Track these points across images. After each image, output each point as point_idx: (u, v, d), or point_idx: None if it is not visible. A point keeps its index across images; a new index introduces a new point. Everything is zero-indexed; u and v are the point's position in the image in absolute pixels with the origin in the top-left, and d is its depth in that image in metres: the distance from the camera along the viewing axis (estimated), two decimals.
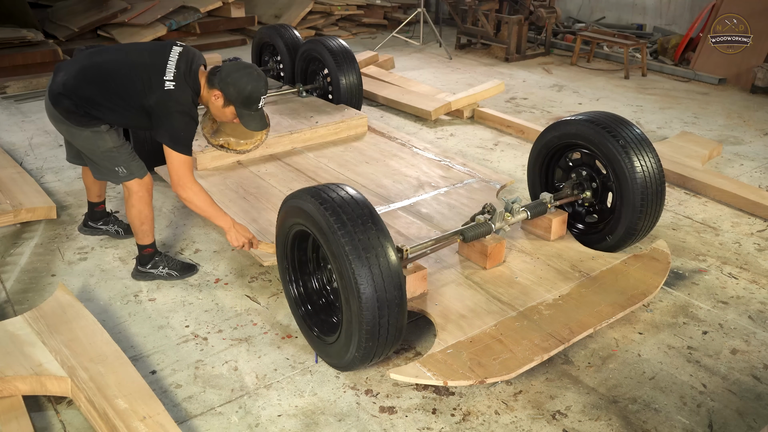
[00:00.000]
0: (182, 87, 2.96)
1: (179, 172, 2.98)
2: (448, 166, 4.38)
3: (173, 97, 2.94)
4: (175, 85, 2.94)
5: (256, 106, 3.04)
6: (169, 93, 2.93)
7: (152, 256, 3.37)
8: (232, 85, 2.97)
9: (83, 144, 3.11)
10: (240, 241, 3.11)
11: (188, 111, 2.99)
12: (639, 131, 3.25)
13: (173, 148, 2.95)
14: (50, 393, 2.52)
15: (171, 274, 3.36)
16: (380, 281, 2.34)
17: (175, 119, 2.95)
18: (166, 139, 2.96)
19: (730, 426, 2.46)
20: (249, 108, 3.04)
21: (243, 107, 3.02)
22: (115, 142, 3.11)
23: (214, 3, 8.86)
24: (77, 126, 3.03)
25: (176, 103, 2.95)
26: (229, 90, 2.98)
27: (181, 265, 3.42)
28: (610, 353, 2.84)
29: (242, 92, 2.98)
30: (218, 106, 3.05)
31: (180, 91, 2.95)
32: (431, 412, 2.51)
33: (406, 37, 9.28)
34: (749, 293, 3.29)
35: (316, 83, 5.62)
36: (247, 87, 2.98)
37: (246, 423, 2.47)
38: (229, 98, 3.00)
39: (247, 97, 2.99)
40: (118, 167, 3.13)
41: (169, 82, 2.93)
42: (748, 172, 4.80)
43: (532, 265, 3.18)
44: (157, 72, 2.95)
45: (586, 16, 9.54)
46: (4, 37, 7.30)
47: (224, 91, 2.99)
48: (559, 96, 6.76)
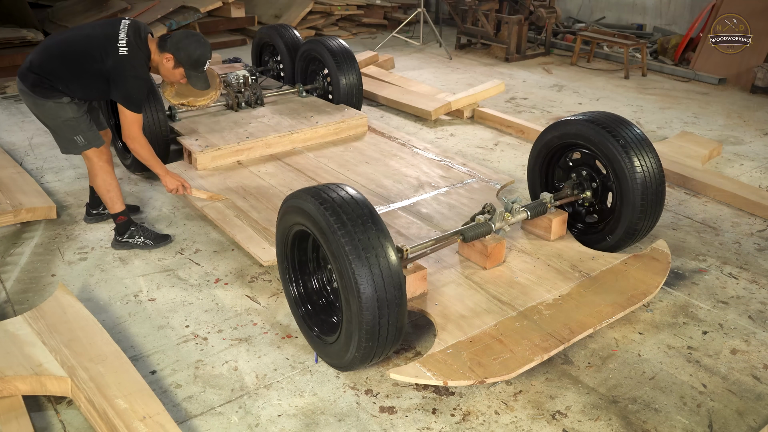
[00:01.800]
0: (134, 52, 3.35)
1: (131, 127, 3.45)
2: (448, 166, 4.38)
3: (128, 61, 3.33)
4: (128, 51, 3.33)
5: (202, 68, 3.53)
6: (124, 57, 3.32)
7: (127, 225, 3.67)
8: (183, 50, 3.42)
9: (46, 114, 3.44)
10: (174, 185, 3.66)
11: (140, 74, 3.41)
12: (639, 131, 3.25)
13: (126, 107, 3.38)
14: (50, 393, 2.52)
15: (146, 243, 3.67)
16: (380, 281, 2.34)
17: (129, 82, 3.36)
18: (121, 99, 3.38)
19: (730, 426, 2.46)
20: (196, 70, 3.51)
21: (191, 69, 3.50)
22: (75, 113, 3.45)
23: (214, 3, 8.85)
24: (42, 98, 3.37)
25: (131, 67, 3.35)
26: (180, 54, 3.43)
27: (155, 235, 3.72)
28: (610, 353, 2.84)
29: (191, 56, 3.44)
30: (169, 68, 3.49)
31: (133, 56, 3.35)
32: (431, 412, 2.51)
33: (406, 37, 9.28)
34: (749, 293, 3.29)
35: (316, 83, 5.62)
36: (196, 52, 3.45)
37: (246, 423, 2.47)
38: (179, 61, 3.45)
39: (195, 60, 3.46)
40: (77, 136, 3.48)
41: (122, 48, 3.33)
42: (748, 172, 4.80)
43: (532, 265, 3.18)
44: (112, 41, 3.34)
45: (586, 16, 9.54)
46: (4, 37, 7.31)
47: (175, 55, 3.43)
48: (559, 96, 6.77)
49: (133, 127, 3.45)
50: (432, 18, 9.79)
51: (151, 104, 4.34)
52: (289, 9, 9.48)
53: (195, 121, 4.84)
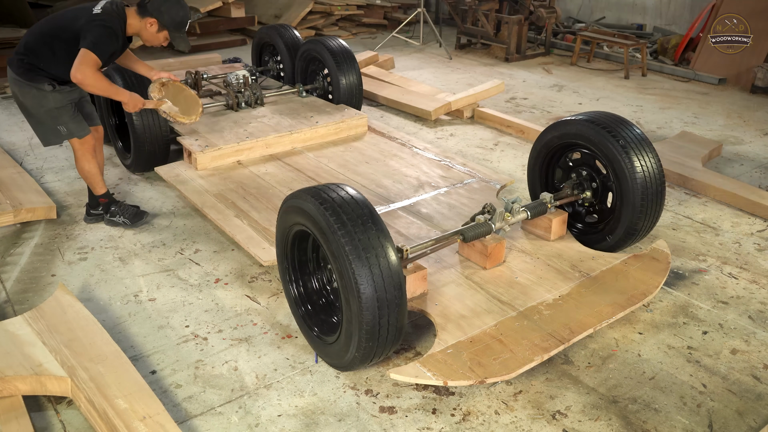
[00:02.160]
0: (108, 13, 3.47)
1: (83, 62, 3.35)
2: (448, 166, 4.38)
3: (99, 17, 3.44)
4: (102, 11, 3.47)
5: (185, 29, 3.67)
6: (96, 14, 3.45)
7: (109, 206, 3.92)
8: (166, 13, 3.55)
9: (31, 102, 3.57)
10: (136, 107, 3.71)
11: (112, 26, 3.46)
12: (639, 131, 3.25)
13: (90, 49, 3.36)
14: (50, 393, 2.52)
15: (125, 222, 3.91)
16: (380, 281, 2.34)
17: (100, 30, 3.41)
18: (87, 43, 3.37)
19: (730, 426, 2.46)
20: (179, 31, 3.64)
21: (175, 31, 3.63)
22: (57, 103, 3.57)
23: (214, 3, 8.85)
24: (27, 81, 3.50)
25: (102, 20, 3.44)
26: (164, 17, 3.55)
27: (132, 213, 3.93)
28: (610, 353, 2.84)
29: (175, 18, 3.58)
30: (153, 32, 3.60)
31: (106, 15, 3.46)
32: (431, 412, 2.51)
33: (406, 37, 9.28)
34: (749, 293, 3.29)
35: (316, 83, 5.62)
36: (179, 13, 3.59)
37: (246, 423, 2.47)
38: (163, 24, 3.57)
39: (179, 22, 3.61)
40: (60, 126, 3.63)
41: (97, 9, 3.47)
42: (748, 172, 4.80)
43: (532, 265, 3.18)
44: (87, 8, 3.50)
45: (586, 16, 9.54)
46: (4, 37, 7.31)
47: (159, 18, 3.55)
48: (559, 96, 6.77)
49: (86, 63, 3.34)
50: (432, 18, 9.80)
51: None
52: (289, 9, 9.48)
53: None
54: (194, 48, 8.31)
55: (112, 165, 4.82)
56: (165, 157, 4.53)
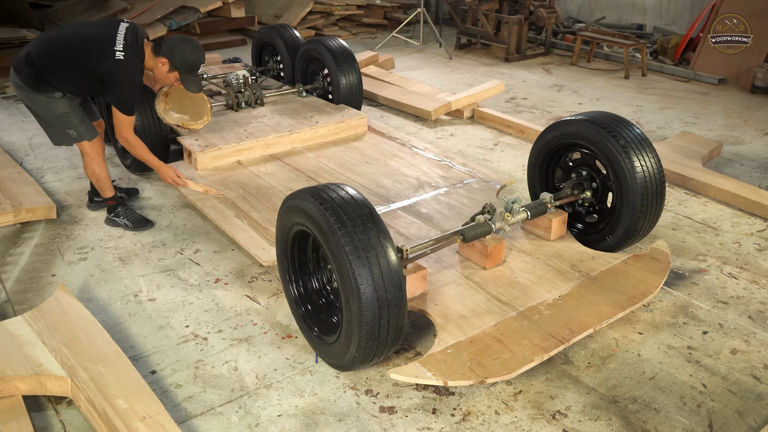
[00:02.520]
0: (130, 57, 3.47)
1: (123, 128, 3.62)
2: (448, 166, 4.38)
3: (123, 67, 3.45)
4: (124, 56, 3.44)
5: (196, 72, 3.73)
6: (119, 63, 3.43)
7: (115, 207, 3.93)
8: (178, 54, 3.59)
9: (39, 108, 3.59)
10: (172, 178, 3.82)
11: (134, 80, 3.54)
12: (639, 131, 3.25)
13: (120, 110, 3.54)
14: (50, 393, 2.52)
15: (127, 224, 3.89)
16: (380, 281, 2.34)
17: (124, 87, 3.50)
18: (115, 103, 3.53)
19: (730, 426, 2.46)
20: (190, 74, 3.69)
21: (186, 73, 3.68)
22: (67, 108, 3.59)
23: (214, 3, 8.85)
24: (34, 91, 3.51)
25: (125, 72, 3.47)
26: (175, 59, 3.59)
27: (137, 219, 3.92)
28: (610, 353, 2.84)
29: (186, 61, 3.62)
30: (164, 71, 3.65)
31: (128, 62, 3.46)
32: (431, 412, 2.51)
33: (406, 37, 9.28)
34: (749, 293, 3.29)
35: (316, 83, 5.62)
36: (191, 56, 3.62)
37: (246, 423, 2.47)
38: (174, 65, 3.62)
39: (190, 65, 3.65)
40: (70, 130, 3.66)
41: (119, 53, 3.43)
42: (748, 172, 4.80)
43: (532, 265, 3.18)
44: (109, 43, 3.44)
45: (586, 16, 9.54)
46: (4, 37, 7.31)
47: (171, 59, 3.59)
48: (559, 96, 6.77)
49: (125, 128, 3.62)
50: (432, 18, 9.79)
51: (151, 104, 4.35)
52: (289, 9, 9.48)
53: None
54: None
55: (113, 165, 4.82)
56: (165, 157, 4.52)
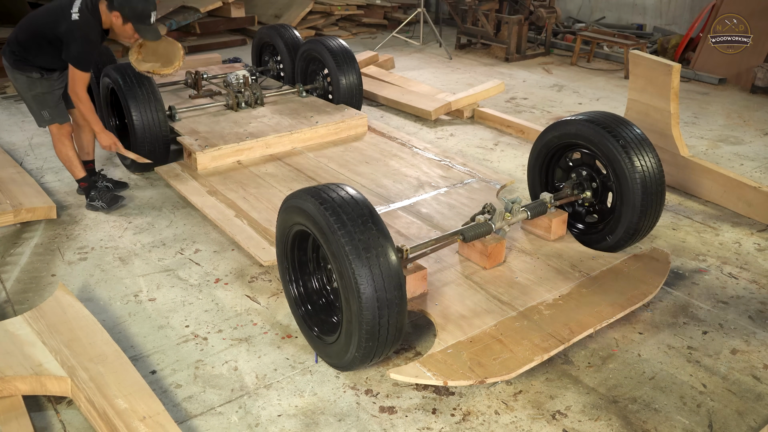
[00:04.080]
0: (85, 16, 3.66)
1: (78, 84, 3.75)
2: (448, 166, 4.38)
3: (77, 25, 3.65)
4: (79, 16, 3.65)
5: (149, 20, 3.77)
6: (75, 22, 3.65)
7: (88, 190, 4.12)
8: (126, 5, 3.68)
9: (21, 87, 3.87)
10: (108, 142, 4.00)
11: (90, 38, 3.70)
12: (639, 131, 3.25)
13: (75, 66, 3.71)
14: (50, 393, 2.52)
15: (102, 206, 4.10)
16: (380, 281, 2.34)
17: (79, 44, 3.67)
18: (71, 59, 3.70)
19: (730, 426, 2.46)
20: (143, 23, 3.75)
21: (138, 22, 3.74)
22: (45, 89, 3.87)
23: (214, 3, 8.85)
24: (18, 70, 3.81)
25: (80, 29, 3.65)
26: (125, 10, 3.68)
27: (110, 198, 4.12)
28: (610, 353, 2.84)
29: (135, 9, 3.70)
30: (119, 24, 3.74)
31: (83, 21, 3.66)
32: (431, 412, 2.51)
33: (406, 37, 9.28)
34: (749, 293, 3.29)
35: (316, 83, 5.62)
36: (138, 5, 3.70)
37: (246, 423, 2.47)
38: (125, 16, 3.70)
39: (139, 13, 3.71)
40: (44, 111, 3.91)
41: (75, 14, 3.65)
42: (748, 172, 4.80)
43: (532, 265, 3.18)
44: (67, 8, 3.68)
45: (586, 16, 9.54)
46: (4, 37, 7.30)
47: (121, 11, 3.68)
48: (559, 96, 6.77)
49: (78, 84, 3.76)
50: (432, 18, 9.79)
51: (151, 104, 4.35)
52: (289, 9, 9.48)
53: (195, 121, 4.84)
54: (194, 48, 8.31)
55: (113, 165, 4.82)
56: (165, 157, 4.53)
